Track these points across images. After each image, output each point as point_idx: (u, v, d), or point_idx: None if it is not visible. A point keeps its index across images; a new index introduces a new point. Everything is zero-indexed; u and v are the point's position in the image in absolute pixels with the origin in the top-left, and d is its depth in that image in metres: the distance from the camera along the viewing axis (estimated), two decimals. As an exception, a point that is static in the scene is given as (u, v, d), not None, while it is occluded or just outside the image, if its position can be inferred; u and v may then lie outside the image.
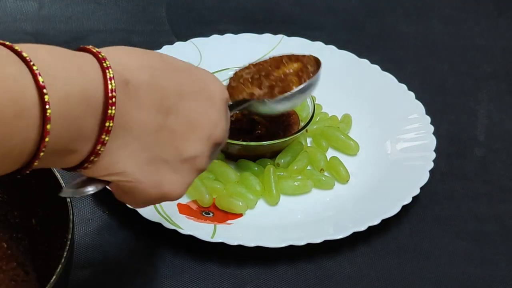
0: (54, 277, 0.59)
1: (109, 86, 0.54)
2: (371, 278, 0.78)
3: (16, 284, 0.71)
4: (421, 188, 0.84)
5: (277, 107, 0.80)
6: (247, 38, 1.02)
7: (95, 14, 1.08)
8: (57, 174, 0.68)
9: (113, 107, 0.54)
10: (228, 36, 1.02)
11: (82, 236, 0.80)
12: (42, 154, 0.51)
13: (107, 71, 0.54)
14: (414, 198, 0.83)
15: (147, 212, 0.80)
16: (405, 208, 0.83)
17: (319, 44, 1.02)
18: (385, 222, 0.81)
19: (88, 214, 0.82)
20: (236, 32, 1.02)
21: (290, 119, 0.89)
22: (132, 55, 0.58)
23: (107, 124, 0.54)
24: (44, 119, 0.50)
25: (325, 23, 1.11)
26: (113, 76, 0.54)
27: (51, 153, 0.53)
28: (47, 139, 0.51)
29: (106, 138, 0.55)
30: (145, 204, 0.63)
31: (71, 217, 0.65)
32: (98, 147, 0.55)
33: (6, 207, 0.74)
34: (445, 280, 0.79)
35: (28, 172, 0.53)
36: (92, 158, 0.56)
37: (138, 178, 0.59)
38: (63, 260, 0.61)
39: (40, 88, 0.50)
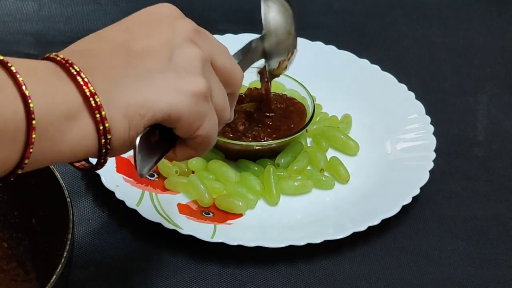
0: (54, 277, 0.59)
1: (58, 58, 0.56)
2: (371, 278, 0.78)
3: (17, 284, 0.71)
4: (421, 188, 0.84)
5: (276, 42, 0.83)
6: (247, 38, 1.02)
7: (95, 14, 1.08)
8: (57, 174, 0.68)
9: (74, 66, 0.55)
10: (228, 36, 1.02)
11: (82, 236, 0.80)
12: (34, 122, 0.52)
13: (51, 55, 0.57)
14: (414, 198, 0.83)
15: (147, 212, 0.80)
16: (405, 208, 0.83)
17: (319, 44, 1.02)
18: (385, 222, 0.81)
19: (88, 214, 0.82)
20: (236, 32, 1.02)
21: (291, 119, 0.89)
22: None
23: (79, 79, 0.55)
24: (19, 88, 0.52)
25: (325, 23, 1.11)
26: (57, 54, 0.56)
27: (49, 125, 0.53)
28: (31, 105, 0.52)
29: (91, 88, 0.55)
30: (200, 121, 0.60)
31: (71, 217, 0.65)
32: (92, 101, 0.55)
33: (6, 207, 0.74)
34: (444, 280, 0.79)
35: (29, 153, 0.53)
36: (97, 114, 0.55)
37: (152, 97, 0.57)
38: (63, 260, 0.61)
39: (4, 63, 0.52)
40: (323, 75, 0.99)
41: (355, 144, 0.90)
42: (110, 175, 0.83)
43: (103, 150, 0.56)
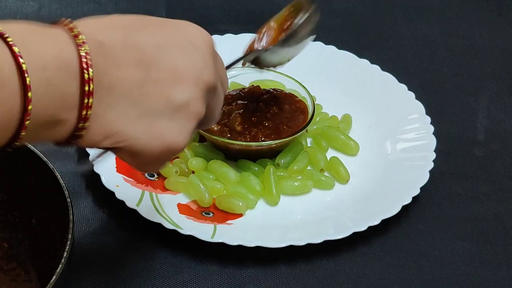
0: (54, 277, 0.59)
1: (81, 52, 0.55)
2: (371, 278, 0.78)
3: (17, 284, 0.71)
4: (421, 188, 0.84)
5: (285, 51, 0.86)
6: (247, 38, 1.02)
7: (95, 14, 1.07)
8: (57, 174, 0.68)
9: (90, 70, 0.55)
10: (228, 36, 1.02)
11: (82, 236, 0.80)
12: (27, 122, 0.52)
13: (77, 38, 0.55)
14: (414, 198, 0.83)
15: (147, 212, 0.80)
16: (405, 208, 0.83)
17: (319, 44, 1.02)
18: (385, 222, 0.81)
19: (88, 214, 0.82)
20: (236, 32, 1.02)
21: (292, 120, 0.89)
22: (102, 19, 0.60)
23: (86, 88, 0.55)
24: (24, 87, 0.51)
25: (325, 23, 1.11)
26: (85, 41, 0.55)
27: (38, 124, 0.53)
28: (30, 107, 0.52)
29: (90, 100, 0.55)
30: (156, 162, 0.61)
31: (71, 217, 0.65)
32: (84, 112, 0.55)
33: (6, 207, 0.74)
34: (444, 280, 0.79)
35: (17, 145, 0.53)
36: (81, 124, 0.55)
37: (133, 135, 0.58)
38: (63, 260, 0.61)
39: (16, 58, 0.51)
40: (323, 75, 0.98)
41: (355, 144, 0.90)
42: (110, 175, 0.83)
43: (74, 141, 0.57)
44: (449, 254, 0.81)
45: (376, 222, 0.80)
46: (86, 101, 0.55)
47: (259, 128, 0.87)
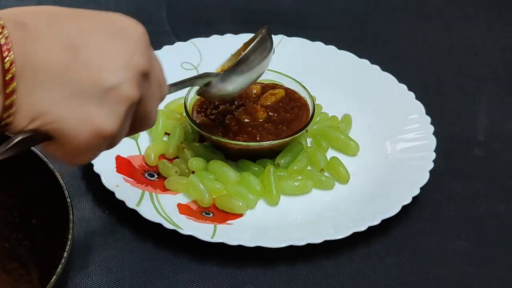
0: (54, 277, 0.59)
1: (0, 40, 0.54)
2: (371, 278, 0.78)
3: (18, 284, 0.71)
4: (421, 188, 0.84)
5: (237, 79, 0.82)
6: (247, 38, 1.02)
7: (95, 14, 1.08)
8: (57, 174, 0.68)
9: (10, 53, 0.54)
10: (228, 36, 1.02)
11: (82, 236, 0.80)
12: None
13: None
14: (414, 198, 0.83)
15: (147, 212, 0.80)
16: (405, 208, 0.83)
17: (319, 44, 1.02)
18: (385, 222, 0.81)
19: (88, 214, 0.82)
20: (236, 32, 1.02)
21: (292, 121, 0.89)
22: (24, 7, 0.58)
23: (7, 77, 0.54)
24: None
25: (325, 23, 1.11)
26: (3, 25, 0.54)
27: None
28: None
29: (14, 84, 0.54)
30: (86, 150, 0.59)
31: (71, 217, 0.65)
32: (7, 102, 0.54)
33: (6, 207, 0.74)
34: (445, 280, 0.79)
35: None
36: (6, 114, 0.54)
37: (61, 115, 0.56)
38: (63, 260, 0.61)
39: None
40: (323, 75, 0.99)
41: (355, 144, 0.90)
42: (110, 175, 0.83)
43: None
44: (449, 254, 0.81)
45: (376, 222, 0.80)
46: (8, 90, 0.54)
47: (258, 129, 0.87)
